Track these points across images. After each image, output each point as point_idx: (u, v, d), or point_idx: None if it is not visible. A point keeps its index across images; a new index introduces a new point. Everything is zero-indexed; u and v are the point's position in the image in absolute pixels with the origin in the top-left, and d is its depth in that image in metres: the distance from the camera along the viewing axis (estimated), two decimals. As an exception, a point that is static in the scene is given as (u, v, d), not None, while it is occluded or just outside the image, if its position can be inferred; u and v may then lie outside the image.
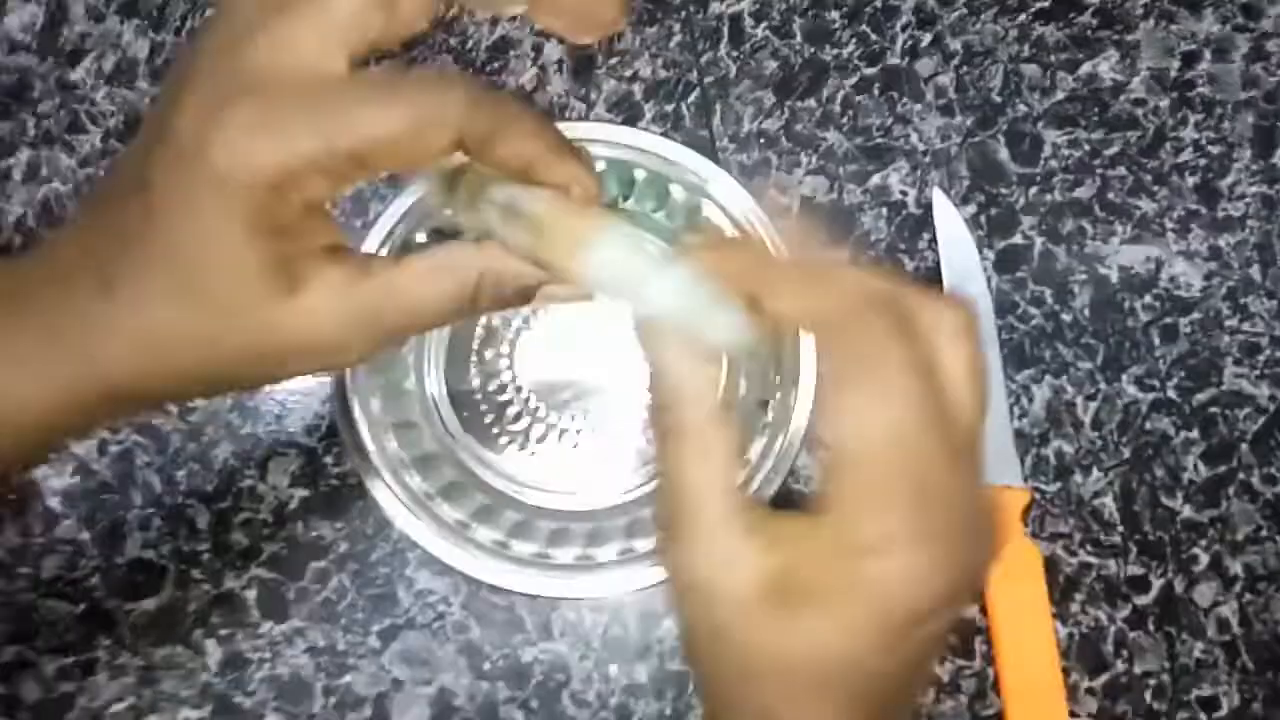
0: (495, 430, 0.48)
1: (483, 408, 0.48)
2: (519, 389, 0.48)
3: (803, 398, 0.43)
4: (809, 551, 0.23)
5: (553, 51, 0.53)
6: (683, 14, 0.53)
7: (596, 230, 0.25)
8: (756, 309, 0.25)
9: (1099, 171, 0.52)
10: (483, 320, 0.49)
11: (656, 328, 0.25)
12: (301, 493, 0.47)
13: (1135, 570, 0.47)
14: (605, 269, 0.25)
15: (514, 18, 0.53)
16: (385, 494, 0.43)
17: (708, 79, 0.53)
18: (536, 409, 0.48)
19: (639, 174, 0.46)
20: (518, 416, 0.48)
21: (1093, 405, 0.49)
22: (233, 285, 0.25)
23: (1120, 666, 0.46)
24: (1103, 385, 0.49)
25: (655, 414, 0.25)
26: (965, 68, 0.53)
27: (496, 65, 0.52)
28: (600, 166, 0.46)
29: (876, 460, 0.22)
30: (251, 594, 0.46)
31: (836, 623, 0.22)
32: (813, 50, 0.53)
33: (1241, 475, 0.48)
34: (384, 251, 0.44)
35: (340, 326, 0.26)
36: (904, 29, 0.53)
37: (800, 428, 0.44)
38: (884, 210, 0.51)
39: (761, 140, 0.52)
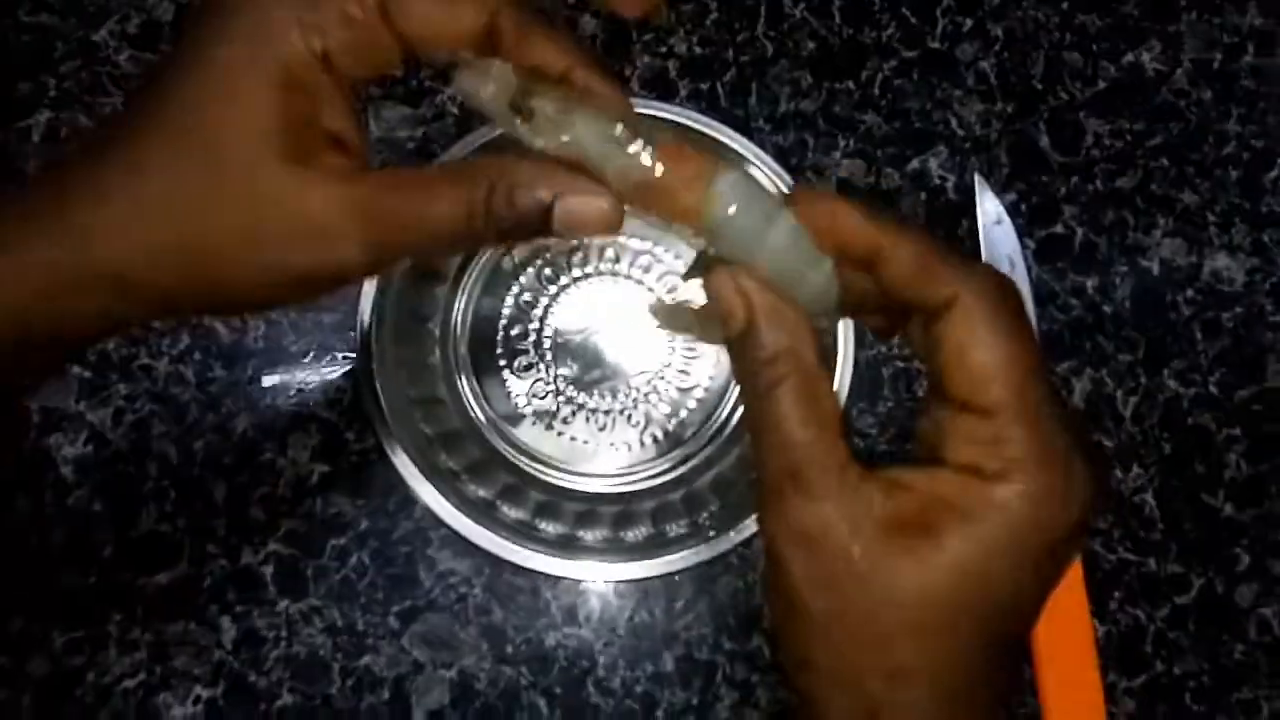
0: (522, 409, 0.47)
1: (510, 387, 0.47)
2: (547, 368, 0.47)
3: (843, 366, 0.43)
4: (934, 488, 0.23)
5: (587, 25, 0.52)
6: (720, -9, 0.52)
7: (723, 168, 0.24)
8: (852, 267, 0.24)
9: (1141, 162, 0.51)
10: (510, 297, 0.47)
11: (758, 278, 0.24)
12: (322, 468, 0.46)
13: (1175, 569, 0.46)
14: (731, 208, 0.24)
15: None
16: (410, 469, 0.42)
17: (744, 58, 0.51)
18: (565, 389, 0.47)
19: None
20: (545, 396, 0.47)
21: (1133, 399, 0.48)
22: (239, 127, 0.24)
23: (1159, 667, 0.45)
24: (1144, 379, 0.48)
25: (759, 368, 0.24)
26: (1007, 54, 0.52)
27: (529, 38, 0.51)
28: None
29: (1003, 391, 0.23)
30: (268, 570, 0.44)
31: (976, 543, 0.22)
32: (851, 31, 0.52)
33: (1284, 474, 0.47)
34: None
35: (337, 212, 0.25)
36: (945, 13, 0.52)
37: (842, 392, 0.43)
38: (923, 195, 0.50)
39: (798, 121, 0.51)
